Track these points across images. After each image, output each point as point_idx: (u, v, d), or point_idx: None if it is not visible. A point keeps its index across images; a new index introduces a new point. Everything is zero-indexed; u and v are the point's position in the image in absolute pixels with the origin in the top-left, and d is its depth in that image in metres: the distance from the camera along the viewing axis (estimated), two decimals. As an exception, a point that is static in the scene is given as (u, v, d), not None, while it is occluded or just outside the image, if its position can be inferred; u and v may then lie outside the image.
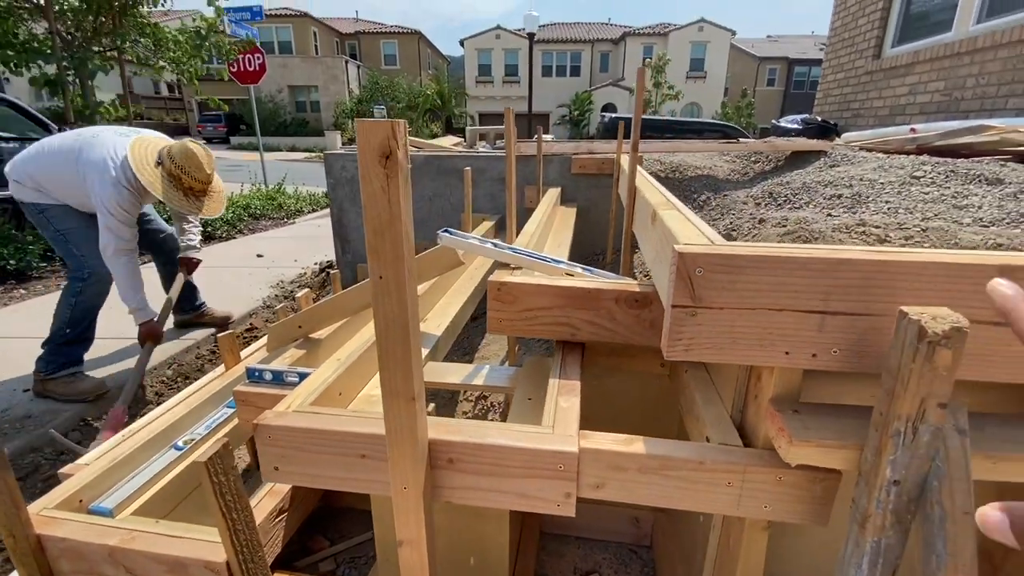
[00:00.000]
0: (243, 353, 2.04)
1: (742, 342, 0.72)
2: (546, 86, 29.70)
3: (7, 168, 2.29)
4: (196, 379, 2.70)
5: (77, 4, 5.80)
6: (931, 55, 4.52)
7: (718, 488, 0.81)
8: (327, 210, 8.68)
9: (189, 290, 3.05)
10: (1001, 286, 0.36)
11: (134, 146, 2.25)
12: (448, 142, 4.53)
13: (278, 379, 1.40)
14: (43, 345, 2.39)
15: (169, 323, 2.92)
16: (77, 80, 5.81)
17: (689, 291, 0.71)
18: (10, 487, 1.07)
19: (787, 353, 0.72)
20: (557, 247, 1.94)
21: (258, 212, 7.49)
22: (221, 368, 2.01)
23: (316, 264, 4.64)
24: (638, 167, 1.50)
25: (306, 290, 1.93)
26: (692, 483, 0.81)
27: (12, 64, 5.36)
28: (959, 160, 2.73)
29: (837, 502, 0.79)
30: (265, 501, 1.30)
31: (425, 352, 1.43)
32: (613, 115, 10.67)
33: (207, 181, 2.37)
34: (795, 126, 5.63)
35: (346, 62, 27.20)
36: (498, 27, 30.54)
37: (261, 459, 0.93)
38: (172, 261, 2.73)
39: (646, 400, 1.37)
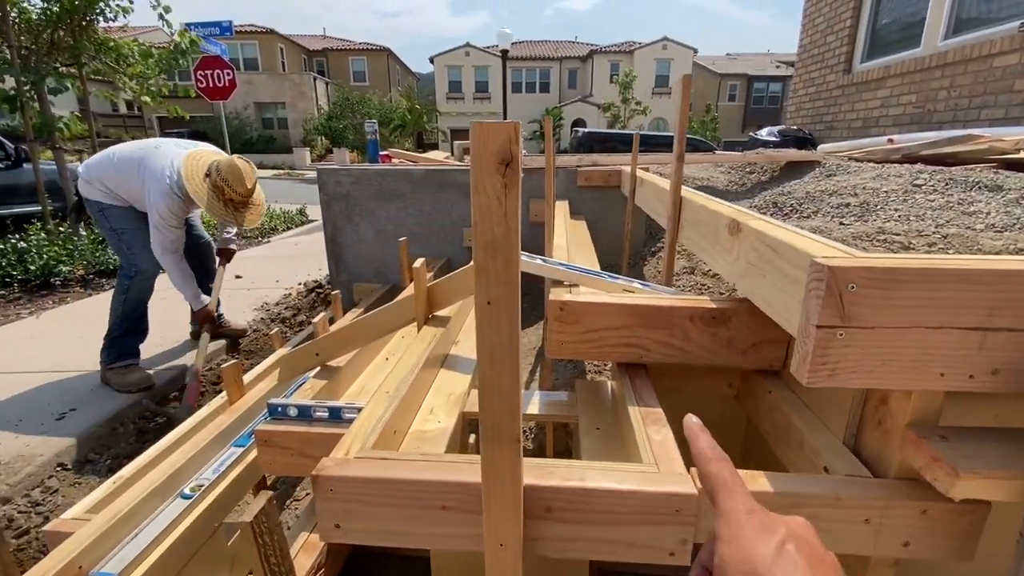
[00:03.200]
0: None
1: (894, 364, 0.65)
2: (516, 102, 30.01)
3: (81, 167, 2.57)
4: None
5: (35, 18, 5.51)
6: (902, 69, 4.71)
7: (854, 526, 0.73)
8: (302, 228, 8.49)
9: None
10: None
11: (188, 158, 2.49)
12: (439, 156, 4.43)
13: (305, 415, 1.26)
14: (104, 339, 2.62)
15: (186, 335, 3.18)
16: (35, 96, 5.48)
17: (838, 309, 0.63)
18: (4, 562, 0.90)
19: (942, 375, 0.65)
20: (586, 262, 1.86)
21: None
22: (221, 399, 1.84)
23: (301, 284, 4.44)
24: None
25: (323, 314, 1.79)
26: (825, 522, 0.73)
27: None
28: (954, 168, 2.79)
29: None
30: (301, 557, 1.15)
31: (467, 378, 1.32)
32: (585, 130, 10.83)
33: (248, 195, 2.57)
34: (773, 138, 5.78)
35: (314, 79, 26.88)
36: (467, 44, 30.82)
37: (320, 516, 0.80)
38: (205, 266, 2.97)
39: (708, 423, 1.29)
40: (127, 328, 2.63)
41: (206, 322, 2.68)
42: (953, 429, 0.71)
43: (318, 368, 1.58)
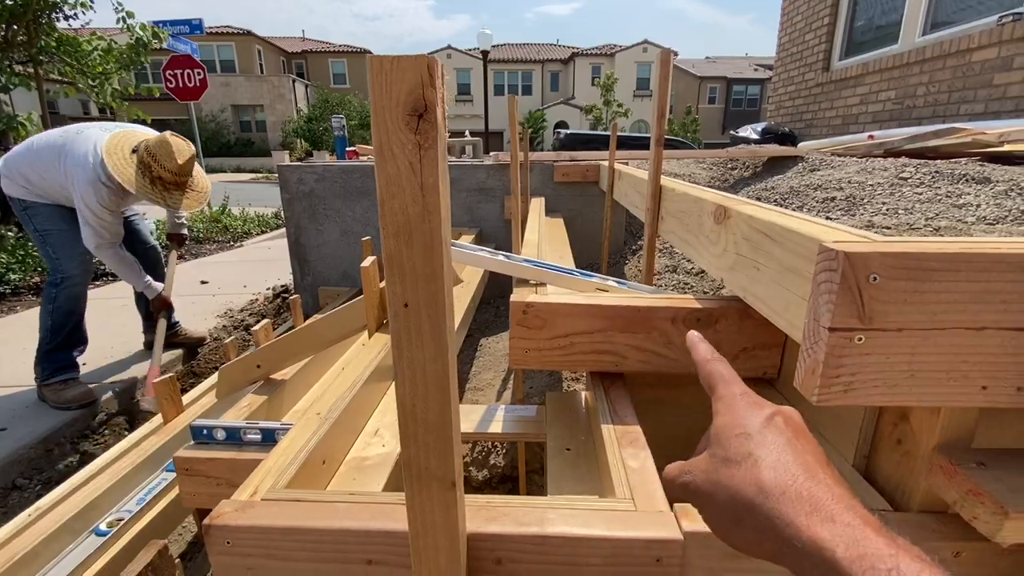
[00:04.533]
0: (185, 399, 1.70)
1: (924, 376, 0.52)
2: (499, 105, 29.92)
3: (0, 162, 2.32)
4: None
5: (-11, 14, 5.22)
6: (880, 66, 4.68)
7: (874, 574, 0.59)
8: (278, 231, 8.24)
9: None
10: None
11: (112, 138, 2.25)
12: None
13: (234, 438, 1.09)
14: (36, 352, 2.38)
15: (139, 345, 2.93)
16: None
17: (856, 308, 0.50)
18: None
19: (984, 388, 0.52)
20: (559, 260, 1.72)
21: (201, 235, 6.95)
22: (157, 420, 1.66)
23: (269, 289, 4.23)
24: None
25: (265, 321, 1.62)
26: (839, 570, 0.59)
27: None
28: (938, 161, 2.73)
29: None
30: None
31: (423, 392, 1.16)
32: (568, 131, 10.76)
33: (180, 173, 2.29)
34: (755, 136, 5.73)
35: (293, 81, 26.46)
36: (449, 47, 30.69)
37: (217, 574, 0.64)
38: (154, 274, 2.71)
39: (693, 438, 1.15)
40: (60, 341, 2.38)
41: (163, 308, 2.52)
42: (989, 452, 0.58)
43: (260, 382, 1.41)
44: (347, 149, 3.79)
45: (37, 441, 2.05)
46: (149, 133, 2.41)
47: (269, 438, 1.08)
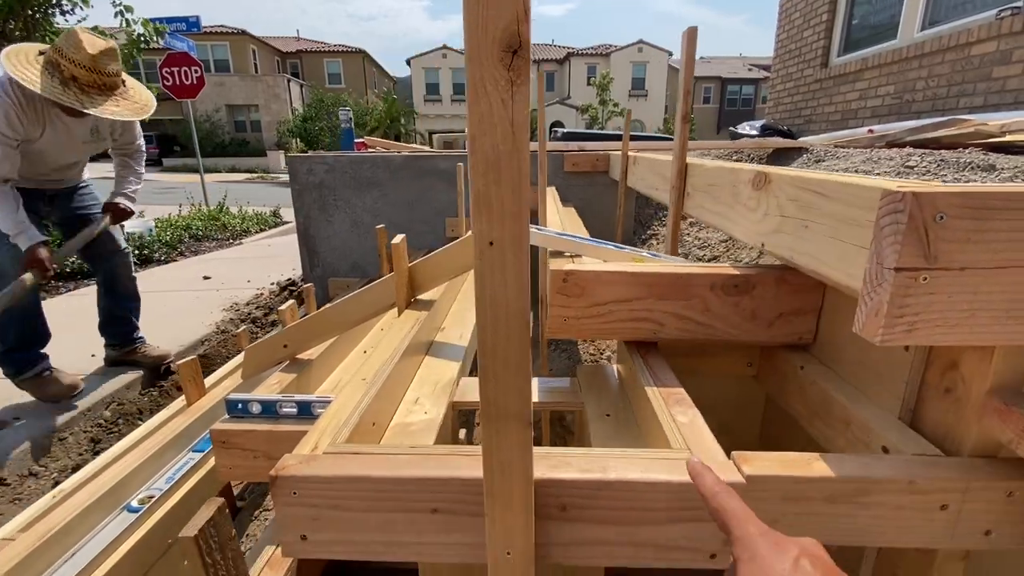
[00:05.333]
0: (207, 381, 1.70)
1: (984, 315, 0.54)
2: (494, 104, 29.89)
3: None
4: (146, 419, 2.29)
5: (-15, 7, 5.18)
6: (879, 61, 4.73)
7: (929, 514, 0.61)
8: (276, 229, 8.21)
9: (119, 322, 2.52)
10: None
11: (15, 46, 1.91)
12: (416, 147, 4.27)
13: (269, 411, 1.10)
14: None
15: (99, 362, 2.56)
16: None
17: (922, 247, 0.51)
18: None
19: (1043, 326, 0.53)
20: (579, 242, 1.74)
21: (200, 233, 6.91)
22: (180, 402, 1.66)
23: (274, 284, 4.23)
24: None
25: (291, 302, 1.63)
26: (896, 510, 0.61)
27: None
28: (942, 150, 2.76)
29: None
30: (266, 574, 0.99)
31: (456, 365, 1.18)
32: (565, 130, 10.80)
33: (95, 68, 1.86)
34: (754, 132, 5.78)
35: (288, 80, 26.37)
36: (444, 46, 30.67)
37: (281, 526, 0.65)
38: (102, 262, 2.37)
39: (724, 408, 1.17)
40: (11, 343, 2.09)
41: (32, 266, 1.94)
42: (1042, 395, 0.60)
43: (286, 362, 1.42)
44: (355, 141, 3.79)
45: (52, 429, 2.04)
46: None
47: (305, 411, 1.09)
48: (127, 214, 2.34)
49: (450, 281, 1.54)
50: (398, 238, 1.24)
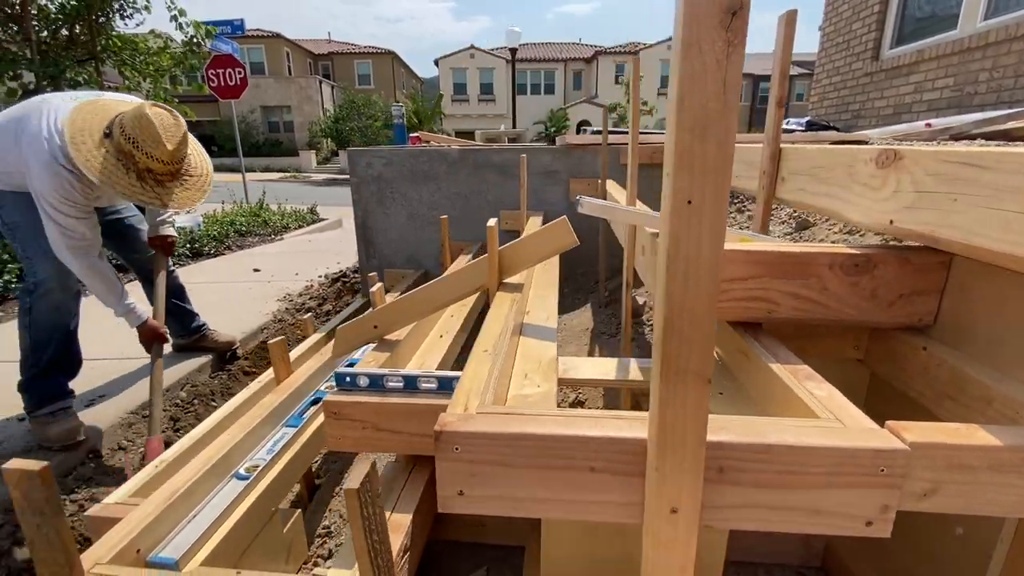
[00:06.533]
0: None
1: None
2: (521, 104, 29.98)
3: None
4: (218, 400, 2.39)
5: (54, 13, 5.46)
6: (937, 53, 4.57)
7: (1101, 486, 0.60)
8: (314, 225, 8.41)
9: (178, 312, 2.51)
10: None
11: (76, 113, 1.69)
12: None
13: (376, 385, 1.14)
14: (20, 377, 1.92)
15: (167, 347, 2.51)
16: (53, 91, 5.42)
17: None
18: (64, 541, 0.79)
19: None
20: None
21: (244, 229, 7.13)
22: (265, 377, 1.73)
23: (322, 276, 4.34)
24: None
25: (379, 284, 1.68)
26: (1068, 483, 0.60)
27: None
28: (1017, 143, 2.66)
29: None
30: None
31: (552, 346, 1.20)
32: (593, 129, 10.76)
33: (172, 160, 1.73)
34: (800, 129, 5.66)
35: (320, 82, 26.93)
36: (472, 47, 30.84)
37: (441, 480, 0.68)
38: (143, 259, 2.23)
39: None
40: (44, 364, 1.90)
41: (154, 341, 1.95)
42: None
43: (375, 343, 1.47)
44: (410, 136, 3.87)
45: (137, 406, 2.15)
46: (123, 101, 1.88)
47: (411, 385, 1.13)
48: (174, 244, 2.26)
49: (532, 268, 1.56)
50: (492, 221, 1.27)
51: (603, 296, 2.56)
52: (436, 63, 31.41)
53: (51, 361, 1.91)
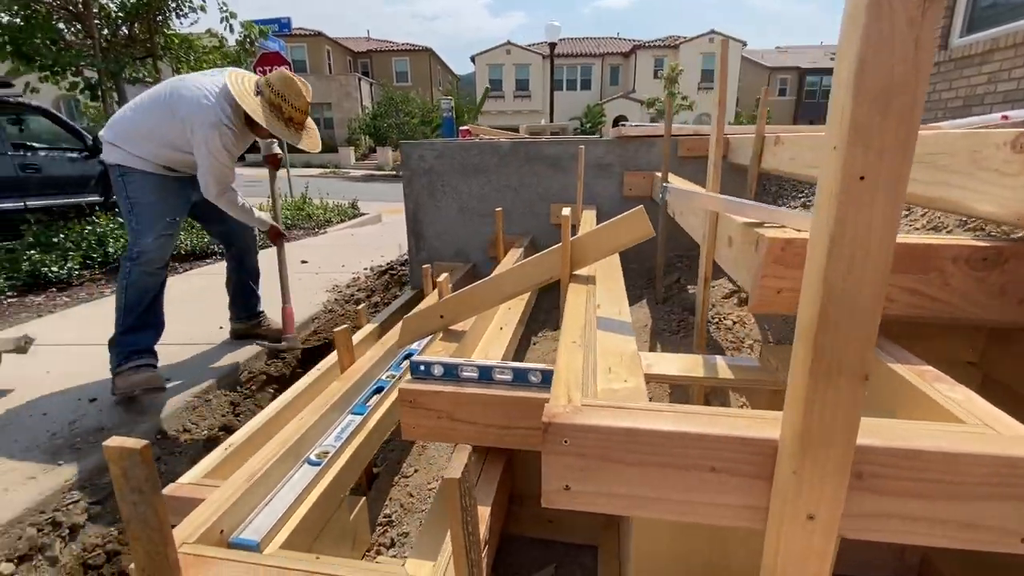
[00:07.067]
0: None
1: None
2: (557, 100, 29.73)
3: (103, 132, 2.23)
4: (274, 386, 2.45)
5: (115, 12, 5.72)
6: (1014, 41, 4.27)
7: None
8: (355, 220, 8.56)
9: (248, 294, 2.77)
10: None
11: (231, 78, 2.15)
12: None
13: (450, 374, 1.12)
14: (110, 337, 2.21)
15: (224, 334, 2.83)
16: (114, 87, 5.68)
17: None
18: (161, 519, 0.80)
19: None
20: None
21: (289, 222, 7.32)
22: (324, 365, 1.75)
23: (368, 269, 4.40)
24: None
25: (445, 275, 1.67)
26: None
27: (52, 71, 5.29)
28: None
29: None
30: (467, 531, 1.01)
31: (631, 340, 1.16)
32: (627, 123, 10.60)
33: (305, 110, 2.27)
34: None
35: (359, 79, 27.43)
36: (508, 43, 30.80)
37: (548, 474, 0.65)
38: (236, 238, 2.69)
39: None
40: (132, 322, 2.18)
41: (277, 238, 2.62)
42: None
43: (440, 333, 1.46)
44: (461, 128, 3.87)
45: (200, 391, 2.22)
46: (247, 73, 2.31)
47: (486, 376, 1.11)
48: (280, 161, 2.78)
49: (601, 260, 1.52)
50: (566, 210, 1.24)
51: (660, 293, 2.49)
52: (472, 59, 31.52)
53: (140, 320, 2.20)
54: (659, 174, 2.48)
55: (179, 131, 2.10)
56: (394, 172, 20.11)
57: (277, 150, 2.77)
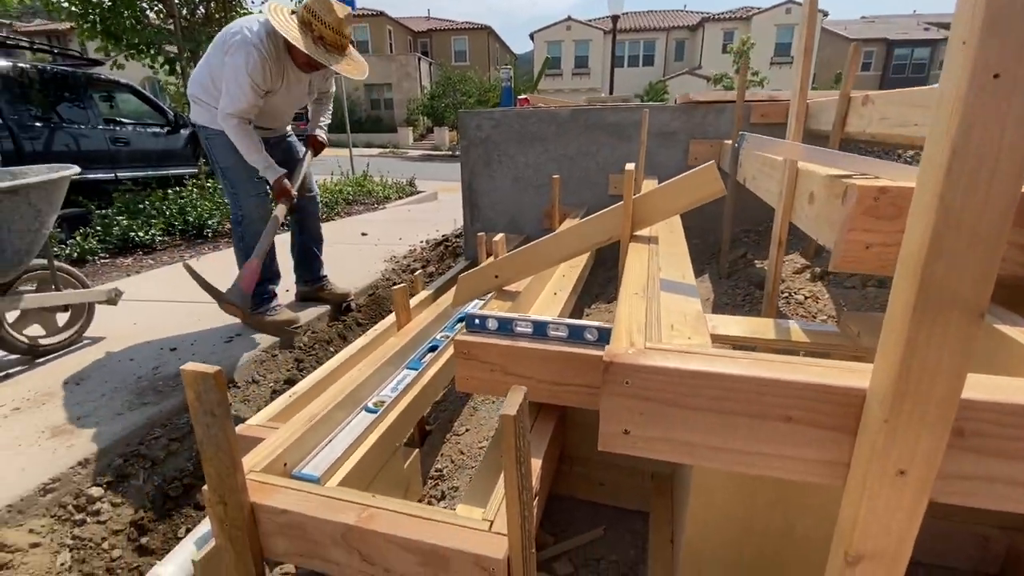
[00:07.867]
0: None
1: None
2: (618, 77, 28.81)
3: (188, 88, 2.32)
4: (335, 346, 2.55)
5: (192, -9, 6.02)
6: None
7: None
8: (413, 197, 8.73)
9: (311, 258, 2.85)
10: None
11: (271, 10, 2.13)
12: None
13: (505, 328, 1.12)
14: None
15: (291, 297, 2.91)
16: (193, 63, 6.02)
17: None
18: (231, 443, 0.85)
19: None
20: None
21: (351, 198, 7.57)
22: (382, 326, 1.79)
23: (424, 241, 4.48)
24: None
25: (501, 235, 1.67)
26: None
27: (137, 49, 5.67)
28: None
29: None
30: (518, 481, 1.02)
31: (695, 301, 1.10)
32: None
33: (339, 30, 2.14)
34: None
35: (419, 59, 27.68)
36: (569, 18, 30.04)
37: (606, 416, 0.63)
38: (299, 203, 2.58)
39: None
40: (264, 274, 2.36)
41: (282, 196, 2.32)
42: None
43: (493, 293, 1.45)
44: (519, 97, 3.83)
45: (266, 347, 2.35)
46: (288, 5, 2.29)
47: (540, 331, 1.09)
48: (323, 145, 2.62)
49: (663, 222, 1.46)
50: (629, 166, 1.18)
51: (724, 267, 2.37)
52: (531, 37, 31.01)
53: (262, 273, 2.34)
54: (728, 142, 2.34)
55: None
56: (450, 152, 20.28)
57: (321, 135, 2.62)
